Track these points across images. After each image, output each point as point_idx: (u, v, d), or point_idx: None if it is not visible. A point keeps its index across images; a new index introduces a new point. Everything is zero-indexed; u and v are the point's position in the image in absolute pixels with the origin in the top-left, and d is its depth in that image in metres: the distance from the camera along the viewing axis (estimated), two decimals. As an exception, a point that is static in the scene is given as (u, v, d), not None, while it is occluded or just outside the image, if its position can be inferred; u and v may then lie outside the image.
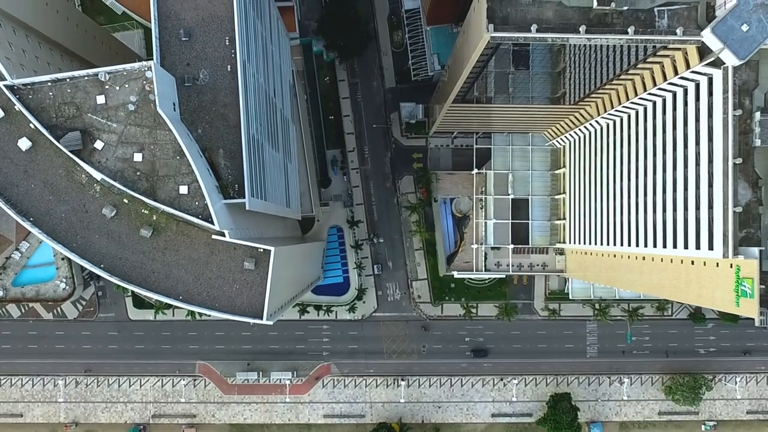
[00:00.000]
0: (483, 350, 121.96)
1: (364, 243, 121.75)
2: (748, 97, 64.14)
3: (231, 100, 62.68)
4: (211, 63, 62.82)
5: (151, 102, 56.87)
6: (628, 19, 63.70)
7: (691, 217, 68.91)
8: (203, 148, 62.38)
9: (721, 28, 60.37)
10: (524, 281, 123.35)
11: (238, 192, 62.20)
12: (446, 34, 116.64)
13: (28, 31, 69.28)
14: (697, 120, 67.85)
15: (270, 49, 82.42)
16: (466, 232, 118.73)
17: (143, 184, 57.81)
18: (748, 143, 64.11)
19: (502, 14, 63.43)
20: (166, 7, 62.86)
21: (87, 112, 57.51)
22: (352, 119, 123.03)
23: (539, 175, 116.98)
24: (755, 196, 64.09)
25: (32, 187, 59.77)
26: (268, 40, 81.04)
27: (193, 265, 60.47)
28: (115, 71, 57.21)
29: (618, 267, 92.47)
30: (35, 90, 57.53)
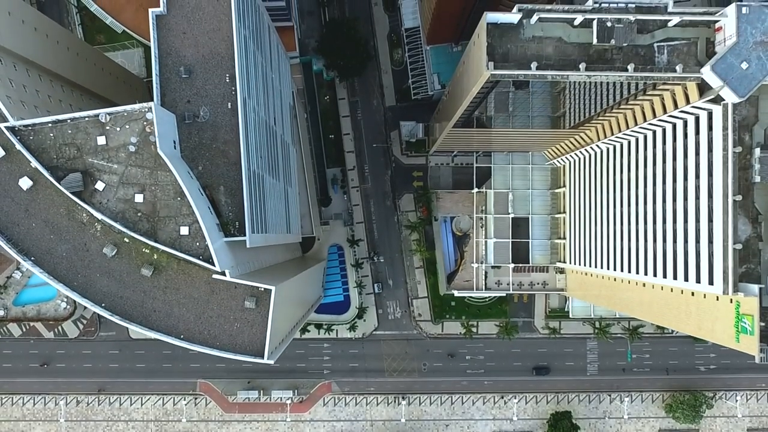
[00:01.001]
0: (545, 368, 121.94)
1: (365, 261, 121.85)
2: (748, 132, 64.21)
3: (231, 138, 62.77)
4: (211, 100, 62.91)
5: (152, 144, 56.98)
6: (627, 55, 63.77)
7: (691, 250, 68.97)
8: (204, 186, 62.46)
9: (721, 65, 60.38)
10: (524, 299, 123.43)
11: (238, 229, 62.31)
12: (446, 54, 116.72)
13: (29, 65, 69.37)
14: (697, 153, 67.91)
15: (270, 76, 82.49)
16: (467, 251, 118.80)
17: (144, 225, 57.94)
18: (747, 179, 64.15)
19: (502, 50, 63.54)
20: (166, 44, 62.96)
21: (88, 152, 57.64)
22: (352, 137, 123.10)
23: (539, 194, 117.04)
24: (755, 231, 64.14)
25: (33, 226, 59.89)
26: (268, 68, 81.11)
27: (194, 303, 60.56)
28: (116, 112, 57.29)
29: (618, 291, 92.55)
30: (36, 131, 57.67)
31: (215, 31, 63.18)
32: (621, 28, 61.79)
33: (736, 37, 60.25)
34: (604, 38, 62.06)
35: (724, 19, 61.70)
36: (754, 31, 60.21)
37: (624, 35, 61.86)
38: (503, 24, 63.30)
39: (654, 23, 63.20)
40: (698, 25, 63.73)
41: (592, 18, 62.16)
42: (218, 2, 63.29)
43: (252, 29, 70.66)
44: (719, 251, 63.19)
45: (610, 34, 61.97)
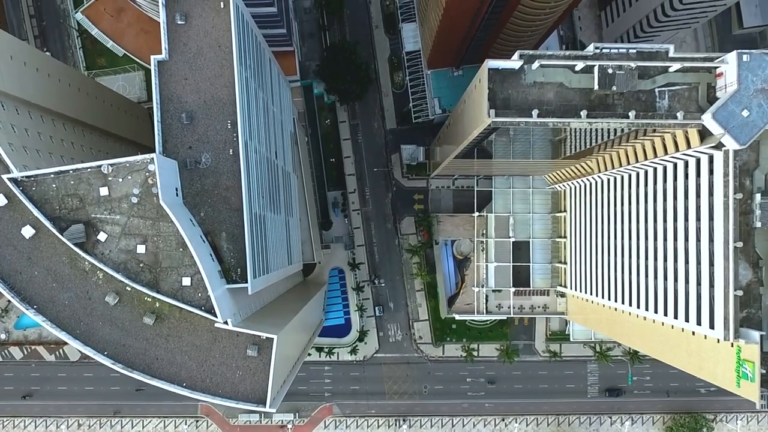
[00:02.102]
0: (617, 389, 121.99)
1: (366, 285, 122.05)
2: (749, 177, 64.24)
3: (233, 184, 62.81)
4: (213, 146, 62.98)
5: (154, 195, 57.06)
6: (629, 100, 63.80)
7: (691, 291, 69.06)
8: (206, 232, 62.56)
9: (722, 113, 60.39)
10: (525, 322, 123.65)
11: (240, 276, 62.37)
12: (447, 78, 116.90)
13: (31, 107, 69.49)
14: (698, 195, 67.98)
15: (271, 109, 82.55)
16: (467, 274, 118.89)
17: (146, 276, 58.07)
18: (748, 224, 64.22)
19: (503, 96, 63.61)
20: (168, 89, 63.05)
21: (90, 203, 57.74)
22: (353, 160, 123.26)
23: (540, 218, 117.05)
24: (756, 276, 64.19)
25: (36, 275, 59.98)
26: (269, 101, 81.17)
27: (197, 351, 60.68)
28: (118, 163, 57.40)
29: (618, 321, 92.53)
30: (39, 182, 57.80)
31: (217, 77, 63.26)
32: (622, 74, 61.82)
33: (737, 85, 60.28)
34: (605, 85, 62.09)
35: (725, 65, 61.70)
36: (755, 79, 60.23)
37: (625, 82, 61.89)
38: (504, 70, 63.36)
39: (655, 69, 63.21)
40: (699, 70, 63.73)
41: (593, 64, 62.14)
42: (220, 48, 63.38)
43: (253, 68, 70.72)
44: (720, 297, 63.28)
45: (612, 81, 62.00)
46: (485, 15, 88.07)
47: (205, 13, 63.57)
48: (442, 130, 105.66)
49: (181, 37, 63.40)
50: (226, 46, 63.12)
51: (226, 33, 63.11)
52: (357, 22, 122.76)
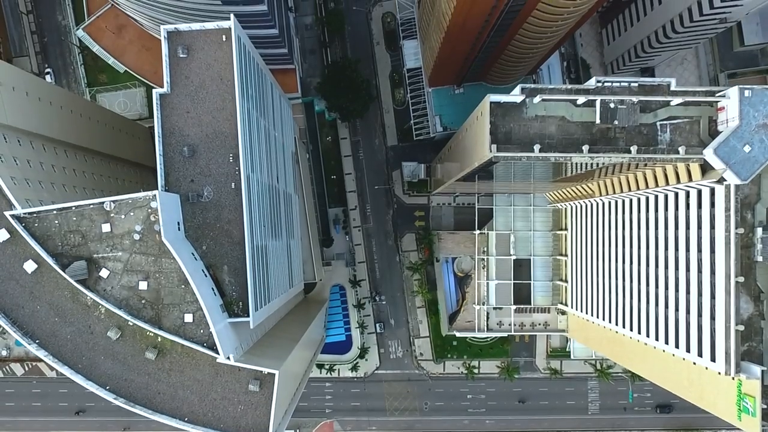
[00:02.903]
0: (668, 406, 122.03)
1: (367, 302, 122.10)
2: (750, 210, 64.23)
3: (235, 217, 62.88)
4: (215, 179, 63.04)
5: (156, 232, 57.13)
6: (630, 134, 63.85)
7: (692, 322, 69.10)
8: (208, 265, 62.64)
9: (724, 148, 60.47)
10: (526, 339, 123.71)
11: (242, 309, 62.44)
12: (448, 96, 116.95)
13: (33, 137, 69.53)
14: (699, 227, 67.99)
15: (273, 134, 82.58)
16: (468, 291, 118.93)
17: (148, 312, 58.17)
18: (750, 257, 64.22)
19: (505, 129, 63.68)
20: (170, 123, 63.12)
21: (92, 240, 57.84)
22: (354, 177, 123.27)
23: (541, 236, 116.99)
24: (757, 309, 64.22)
25: (38, 309, 60.13)
26: (270, 127, 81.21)
27: (198, 386, 60.77)
28: (120, 200, 57.46)
29: (620, 343, 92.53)
30: (41, 218, 57.89)
31: (219, 110, 63.33)
32: (624, 109, 61.90)
33: (738, 120, 60.34)
34: (607, 119, 62.16)
35: (726, 100, 61.73)
36: (756, 114, 60.30)
37: (627, 116, 61.97)
38: (506, 103, 63.41)
39: (657, 102, 63.20)
40: (701, 104, 63.74)
41: (595, 99, 62.16)
42: (221, 81, 63.44)
43: (255, 97, 70.73)
44: (721, 330, 63.35)
45: (613, 115, 62.08)
46: (487, 38, 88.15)
47: (207, 46, 63.63)
48: (444, 151, 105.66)
49: (183, 70, 63.45)
50: (228, 79, 63.18)
51: (228, 66, 63.18)
52: (358, 39, 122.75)
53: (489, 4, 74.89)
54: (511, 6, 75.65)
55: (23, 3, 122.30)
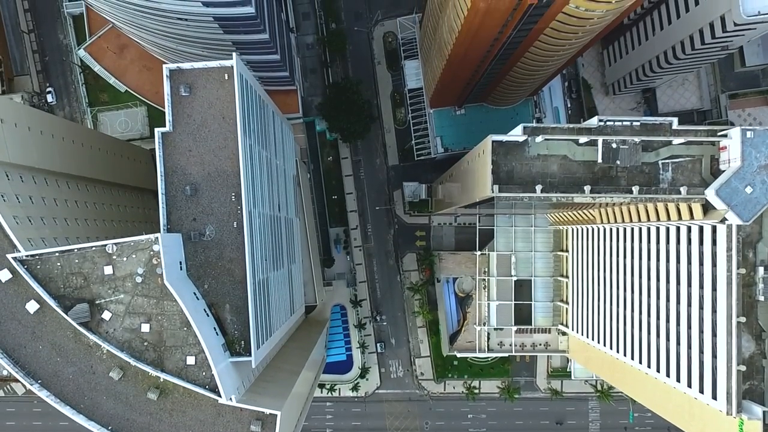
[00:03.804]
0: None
1: (368, 321, 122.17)
2: (752, 249, 64.23)
3: (237, 256, 62.92)
4: (217, 218, 63.08)
5: (159, 275, 57.17)
6: (632, 172, 63.94)
7: (694, 357, 69.11)
8: (210, 304, 62.69)
9: (726, 190, 60.52)
10: (526, 359, 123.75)
11: (244, 348, 62.49)
12: (449, 117, 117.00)
13: (35, 172, 69.53)
14: (701, 263, 67.97)
15: (275, 163, 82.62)
16: (469, 312, 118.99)
17: (150, 355, 58.21)
18: (751, 296, 64.23)
19: (507, 168, 63.75)
20: (172, 161, 63.16)
21: (95, 282, 57.89)
22: (355, 197, 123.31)
23: (542, 256, 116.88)
24: (759, 348, 64.23)
25: (40, 349, 60.15)
26: (272, 156, 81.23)
27: (200, 426, 60.75)
28: (122, 243, 57.53)
29: (621, 370, 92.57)
30: (43, 260, 57.92)
31: (221, 148, 63.38)
32: (626, 149, 61.97)
33: (740, 161, 60.43)
34: (609, 159, 62.27)
35: (728, 140, 61.79)
36: (758, 155, 60.40)
37: (629, 156, 62.06)
38: (508, 142, 63.46)
39: (659, 142, 63.26)
40: (703, 143, 63.80)
41: (597, 138, 62.21)
42: (224, 120, 63.49)
43: (257, 131, 70.77)
44: (722, 370, 63.37)
45: (615, 155, 62.16)
46: (489, 66, 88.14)
47: (209, 84, 63.68)
48: (445, 176, 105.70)
49: (186, 109, 63.50)
50: (230, 117, 63.22)
51: (230, 105, 63.21)
52: (359, 58, 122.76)
53: (491, 35, 74.88)
54: (513, 37, 75.62)
55: (24, 22, 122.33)
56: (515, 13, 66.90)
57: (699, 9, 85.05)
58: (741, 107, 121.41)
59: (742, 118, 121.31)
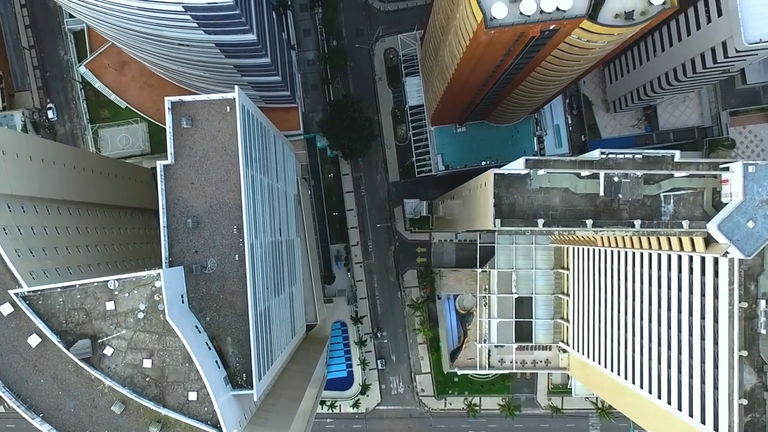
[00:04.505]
0: None
1: (368, 338, 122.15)
2: (754, 282, 64.31)
3: (239, 288, 62.95)
4: (218, 251, 63.08)
5: (161, 311, 57.16)
6: (634, 205, 63.96)
7: (695, 387, 69.19)
8: (211, 336, 62.71)
9: (728, 224, 60.59)
10: (527, 375, 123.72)
11: (246, 381, 62.51)
12: (450, 134, 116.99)
13: (37, 201, 69.46)
14: (702, 294, 68.04)
15: (276, 187, 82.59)
16: (470, 329, 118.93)
17: (152, 390, 58.19)
18: (753, 328, 64.33)
19: (509, 201, 63.74)
20: (174, 194, 63.15)
21: (96, 317, 57.88)
22: (356, 213, 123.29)
23: (543, 274, 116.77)
24: (760, 381, 64.31)
25: (42, 382, 60.14)
26: (274, 180, 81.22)
27: (202, 460, 60.73)
28: (124, 279, 57.51)
29: (621, 391, 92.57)
30: (45, 296, 57.92)
31: (223, 181, 63.38)
32: (628, 183, 61.99)
33: (742, 196, 60.46)
34: (611, 193, 62.29)
35: (730, 174, 61.78)
36: (760, 190, 60.45)
37: (631, 190, 62.07)
38: (510, 175, 63.44)
39: (660, 175, 63.25)
40: (705, 175, 63.79)
41: (598, 172, 62.20)
42: (226, 152, 63.51)
43: (259, 159, 70.77)
44: (724, 403, 63.48)
45: (617, 189, 62.18)
46: (490, 89, 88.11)
47: (211, 117, 63.68)
48: (446, 196, 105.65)
49: (187, 141, 63.50)
50: (232, 150, 63.24)
51: (232, 137, 63.23)
52: (360, 74, 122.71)
53: (493, 63, 74.86)
54: (515, 65, 75.59)
55: (25, 38, 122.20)
56: (517, 44, 66.86)
57: (700, 33, 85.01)
58: (742, 124, 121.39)
59: (743, 135, 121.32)
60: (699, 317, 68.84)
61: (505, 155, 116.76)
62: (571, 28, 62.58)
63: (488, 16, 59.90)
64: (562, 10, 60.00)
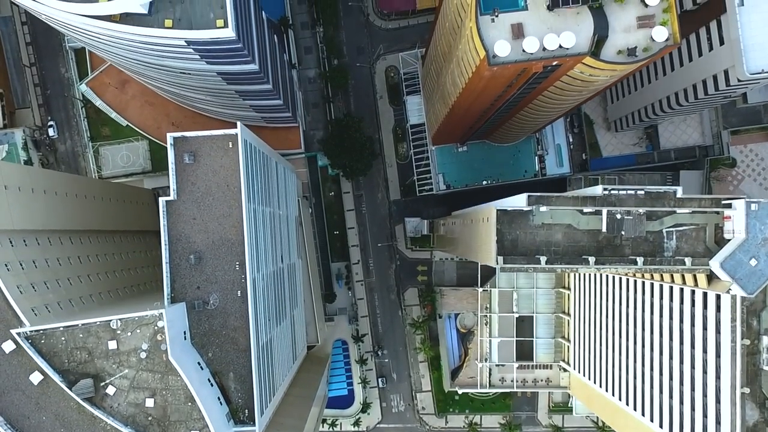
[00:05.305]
0: None
1: (369, 357, 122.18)
2: (756, 317, 64.29)
3: (241, 324, 63.02)
4: (221, 287, 63.11)
5: (163, 351, 57.15)
6: (636, 241, 63.98)
7: (698, 421, 69.16)
8: (214, 372, 62.74)
9: (730, 262, 60.62)
10: (528, 394, 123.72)
11: (248, 416, 62.57)
12: (451, 154, 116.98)
13: (39, 233, 69.39)
14: (704, 327, 68.02)
15: (277, 214, 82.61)
16: (471, 347, 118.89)
17: (155, 429, 58.22)
18: (755, 364, 64.31)
19: (512, 237, 63.76)
20: (176, 230, 63.16)
21: (99, 357, 57.90)
22: (357, 231, 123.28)
23: (544, 293, 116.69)
24: (762, 416, 64.31)
25: (44, 420, 60.09)
26: (276, 208, 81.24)
27: (204, 498, 60.73)
28: (127, 318, 57.48)
29: (622, 416, 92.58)
30: (47, 335, 57.90)
31: (225, 216, 63.38)
32: (630, 220, 62.00)
33: (744, 234, 60.49)
34: (613, 230, 62.29)
35: (732, 211, 61.81)
36: (762, 228, 60.50)
37: (633, 227, 62.09)
38: (513, 211, 63.44)
39: (663, 211, 63.25)
40: (707, 212, 63.81)
41: (601, 209, 62.20)
42: (228, 188, 63.51)
43: (261, 191, 70.79)
44: (726, 440, 63.45)
45: (620, 226, 62.19)
46: (492, 115, 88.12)
47: (213, 152, 63.66)
48: (448, 221, 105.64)
49: (190, 177, 63.49)
50: (234, 185, 63.24)
51: (234, 173, 63.23)
52: (361, 93, 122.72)
53: (495, 94, 74.84)
54: (518, 94, 75.57)
55: (26, 55, 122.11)
56: (519, 78, 66.85)
57: (702, 60, 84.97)
58: (743, 143, 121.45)
59: (744, 153, 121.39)
60: (701, 350, 68.84)
61: (506, 175, 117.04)
62: (573, 63, 62.56)
63: (491, 53, 59.86)
64: (565, 48, 59.98)
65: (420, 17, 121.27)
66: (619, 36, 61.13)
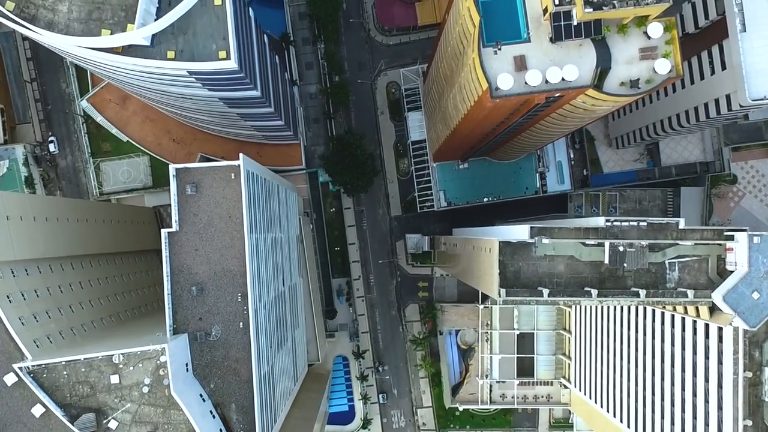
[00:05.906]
0: None
1: (370, 373, 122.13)
2: (758, 348, 64.33)
3: (243, 355, 62.97)
4: (223, 318, 63.08)
5: (166, 386, 57.11)
6: (639, 272, 63.96)
7: (699, 450, 69.26)
8: (216, 404, 62.69)
9: (732, 295, 60.64)
10: (528, 410, 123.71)
11: (250, 448, 62.54)
12: (452, 171, 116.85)
13: (40, 261, 69.34)
14: (707, 357, 68.06)
15: (279, 237, 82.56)
16: (472, 364, 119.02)
17: (157, 464, 58.13)
18: (757, 395, 64.35)
19: (514, 268, 63.73)
20: (178, 261, 63.10)
21: (101, 391, 57.86)
22: (358, 247, 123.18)
23: (545, 310, 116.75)
24: (764, 448, 64.43)
25: (46, 452, 60.00)
26: (277, 232, 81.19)
27: None
28: (129, 353, 57.45)
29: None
30: (49, 369, 57.83)
31: (227, 248, 63.33)
32: (633, 252, 62.04)
33: (747, 267, 60.47)
34: (615, 262, 62.30)
35: (735, 243, 61.81)
36: (765, 260, 60.52)
37: (636, 259, 62.11)
38: (515, 242, 63.42)
39: (665, 243, 63.25)
40: (709, 243, 63.80)
41: (603, 242, 62.19)
42: (230, 219, 63.45)
43: (263, 219, 70.73)
44: (729, 470, 63.46)
45: (623, 259, 62.19)
46: (494, 138, 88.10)
47: (215, 183, 63.61)
48: (449, 241, 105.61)
49: (192, 208, 63.41)
50: (236, 217, 63.18)
51: (236, 204, 63.16)
52: (362, 109, 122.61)
53: (497, 121, 74.84)
54: (520, 121, 75.57)
55: (27, 71, 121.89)
56: (522, 107, 66.84)
57: (705, 83, 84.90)
58: (744, 159, 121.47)
59: (745, 170, 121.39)
60: (703, 379, 68.87)
61: (507, 192, 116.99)
62: (576, 95, 62.53)
63: (493, 86, 59.79)
64: (568, 81, 59.93)
65: (421, 33, 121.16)
66: (621, 68, 61.06)
